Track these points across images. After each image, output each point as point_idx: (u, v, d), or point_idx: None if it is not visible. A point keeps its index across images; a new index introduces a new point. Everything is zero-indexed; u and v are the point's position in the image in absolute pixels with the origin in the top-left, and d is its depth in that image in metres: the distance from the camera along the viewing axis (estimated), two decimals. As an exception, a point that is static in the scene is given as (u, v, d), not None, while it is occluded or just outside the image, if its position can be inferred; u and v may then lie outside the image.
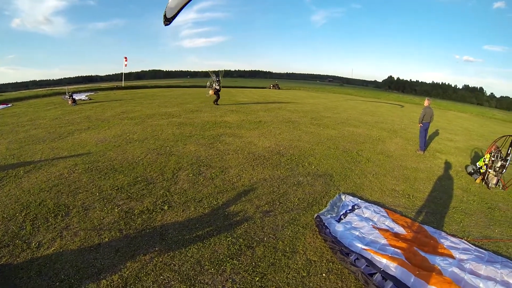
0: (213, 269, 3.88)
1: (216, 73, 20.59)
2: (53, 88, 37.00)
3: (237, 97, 27.70)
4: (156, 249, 4.22)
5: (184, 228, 4.83)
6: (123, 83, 37.94)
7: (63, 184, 6.15)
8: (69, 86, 33.26)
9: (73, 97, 19.37)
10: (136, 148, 8.74)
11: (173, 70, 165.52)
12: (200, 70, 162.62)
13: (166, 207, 5.43)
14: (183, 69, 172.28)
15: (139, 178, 6.61)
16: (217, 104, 20.21)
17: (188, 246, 4.34)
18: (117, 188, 6.07)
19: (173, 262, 3.97)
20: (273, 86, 52.04)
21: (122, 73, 39.32)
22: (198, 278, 3.70)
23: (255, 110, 18.31)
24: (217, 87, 19.81)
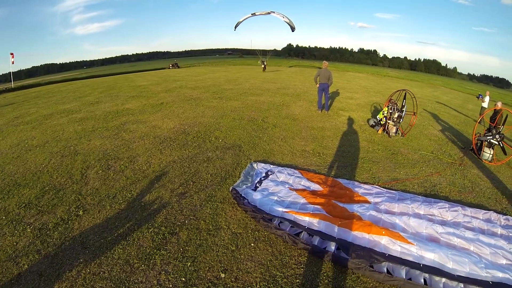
0: (144, 265, 3.83)
1: (265, 52, 36.76)
2: None
3: (137, 81, 26.39)
4: (81, 260, 3.95)
5: (104, 229, 4.62)
6: (12, 84, 32.66)
7: (-38, 219, 5.18)
8: None
9: (-45, 113, 16.01)
10: (37, 155, 7.85)
11: (68, 61, 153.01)
12: (97, 58, 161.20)
13: (81, 212, 5.09)
14: (79, 60, 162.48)
15: (47, 188, 6.03)
16: (265, 71, 34.42)
17: (112, 248, 4.18)
18: (24, 204, 5.41)
19: (102, 270, 3.78)
20: (173, 65, 51.50)
21: (10, 73, 33.88)
22: (131, 279, 3.62)
23: (156, 93, 17.90)
24: (265, 64, 35.44)
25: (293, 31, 25.59)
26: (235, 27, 27.58)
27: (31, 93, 23.92)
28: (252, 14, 25.29)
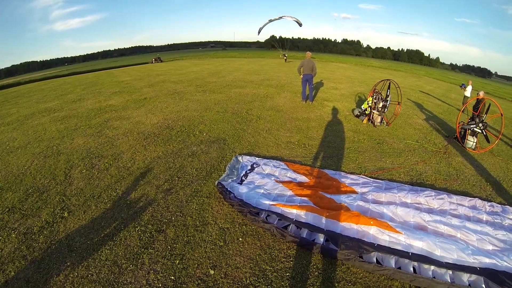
0: (132, 266, 3.79)
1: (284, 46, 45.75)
2: None
3: (120, 77, 25.88)
4: (68, 264, 3.86)
5: (91, 230, 4.53)
6: (-8, 84, 31.40)
7: None
8: None
9: None
10: (19, 156, 7.63)
11: (49, 59, 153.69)
12: (78, 55, 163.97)
13: (66, 214, 4.97)
14: (60, 57, 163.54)
15: (30, 190, 5.86)
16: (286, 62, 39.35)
17: (99, 249, 4.11)
18: (8, 209, 5.26)
19: (90, 272, 3.72)
20: (155, 59, 51.21)
21: None
22: (120, 280, 3.58)
23: (139, 88, 17.65)
24: (286, 56, 42.56)
25: (300, 26, 32.82)
26: (258, 33, 36.19)
27: (11, 92, 23.31)
28: (269, 20, 33.34)
